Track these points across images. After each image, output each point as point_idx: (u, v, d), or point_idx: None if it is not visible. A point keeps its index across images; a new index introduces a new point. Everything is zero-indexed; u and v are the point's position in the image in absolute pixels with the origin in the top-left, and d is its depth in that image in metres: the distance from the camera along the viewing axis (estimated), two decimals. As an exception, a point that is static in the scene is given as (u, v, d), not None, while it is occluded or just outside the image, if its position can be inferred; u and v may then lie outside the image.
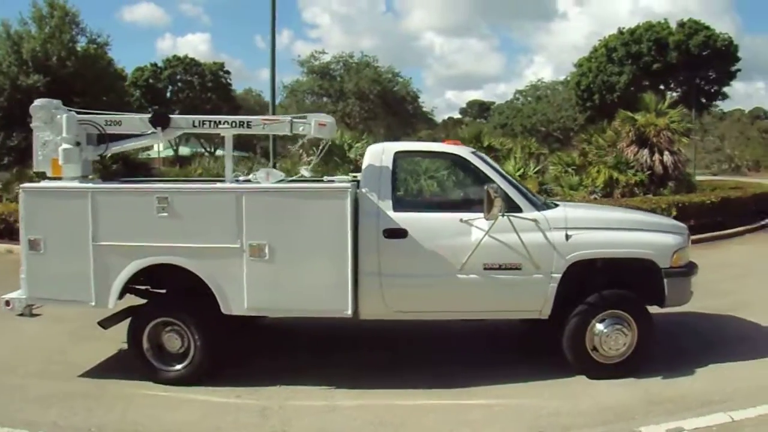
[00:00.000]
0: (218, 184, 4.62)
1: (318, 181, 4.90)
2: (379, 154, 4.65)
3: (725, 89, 27.45)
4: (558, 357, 4.60)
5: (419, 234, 4.45)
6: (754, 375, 4.48)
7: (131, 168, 13.71)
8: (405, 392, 4.36)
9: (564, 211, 4.67)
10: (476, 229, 4.45)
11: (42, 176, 4.83)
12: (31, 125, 4.71)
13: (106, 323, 4.87)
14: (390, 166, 4.58)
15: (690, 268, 4.71)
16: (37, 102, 4.64)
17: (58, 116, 4.61)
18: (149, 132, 4.62)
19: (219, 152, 26.02)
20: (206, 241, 4.37)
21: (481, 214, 4.36)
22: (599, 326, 4.52)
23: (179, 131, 4.74)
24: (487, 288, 4.48)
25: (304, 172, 4.73)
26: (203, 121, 4.68)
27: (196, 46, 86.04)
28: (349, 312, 4.34)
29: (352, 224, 4.29)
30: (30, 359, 5.13)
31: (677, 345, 5.18)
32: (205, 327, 4.53)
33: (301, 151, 11.73)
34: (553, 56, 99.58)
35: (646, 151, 16.51)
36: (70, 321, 5.92)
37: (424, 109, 33.05)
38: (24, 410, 4.07)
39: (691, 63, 25.40)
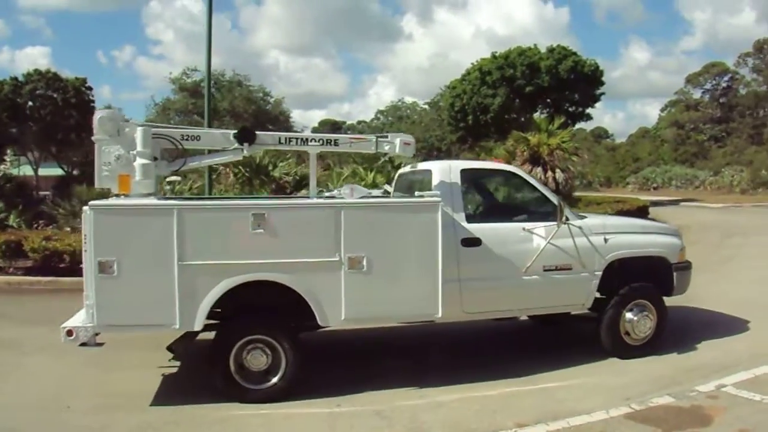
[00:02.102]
0: (312, 200, 4.99)
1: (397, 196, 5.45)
2: (447, 171, 5.43)
3: (588, 111, 32.38)
4: (574, 346, 5.78)
5: (490, 242, 5.30)
6: (744, 346, 5.98)
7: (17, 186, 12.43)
8: (486, 384, 5.07)
9: (600, 219, 5.88)
10: (536, 236, 5.45)
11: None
12: (93, 138, 4.64)
13: (175, 346, 4.92)
14: (459, 182, 5.38)
15: (689, 264, 6.21)
16: (103, 113, 4.60)
17: (127, 129, 4.62)
18: (232, 148, 4.84)
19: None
20: (304, 256, 4.70)
21: (539, 223, 5.41)
22: (629, 314, 5.74)
23: (264, 147, 5.02)
24: (546, 287, 5.48)
25: (387, 187, 5.29)
26: (290, 138, 5.01)
27: (35, 59, 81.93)
28: (440, 315, 5.01)
29: (443, 235, 4.99)
30: (76, 395, 4.87)
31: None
32: (296, 342, 4.87)
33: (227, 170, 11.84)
34: (398, 76, 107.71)
35: (539, 169, 19.21)
36: (72, 354, 5.69)
37: (294, 129, 34.06)
38: None
39: (561, 86, 29.61)
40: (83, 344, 4.59)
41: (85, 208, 4.50)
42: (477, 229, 5.28)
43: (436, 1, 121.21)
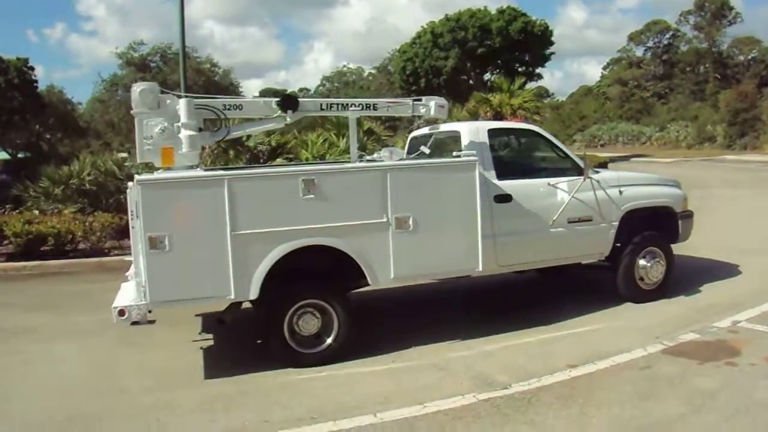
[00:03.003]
0: (358, 164, 5.20)
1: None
2: (476, 131, 5.76)
3: (538, 70, 33.43)
4: (585, 294, 6.44)
5: (520, 197, 5.69)
6: (742, 286, 6.70)
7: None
8: (520, 333, 5.54)
9: (615, 173, 6.38)
10: (560, 190, 5.89)
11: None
12: (132, 112, 4.67)
13: (225, 317, 5.10)
14: (487, 141, 5.73)
15: (691, 213, 6.83)
16: (141, 85, 4.62)
17: (168, 101, 4.68)
18: (274, 116, 4.96)
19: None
20: (354, 219, 4.93)
21: (562, 178, 5.87)
22: (642, 261, 6.31)
23: (306, 114, 5.16)
24: (571, 238, 5.95)
25: (424, 149, 5.55)
26: (331, 104, 5.18)
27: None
28: (480, 268, 5.39)
29: (480, 192, 5.34)
30: (121, 377, 4.97)
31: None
32: (347, 303, 5.15)
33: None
34: (334, 42, 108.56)
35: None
36: (94, 336, 6.04)
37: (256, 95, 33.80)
38: (215, 420, 4.11)
39: (512, 47, 30.35)
40: (135, 323, 4.71)
41: (131, 183, 4.56)
42: (507, 185, 5.66)
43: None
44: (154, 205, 4.52)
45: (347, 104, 5.29)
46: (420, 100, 5.57)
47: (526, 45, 32.82)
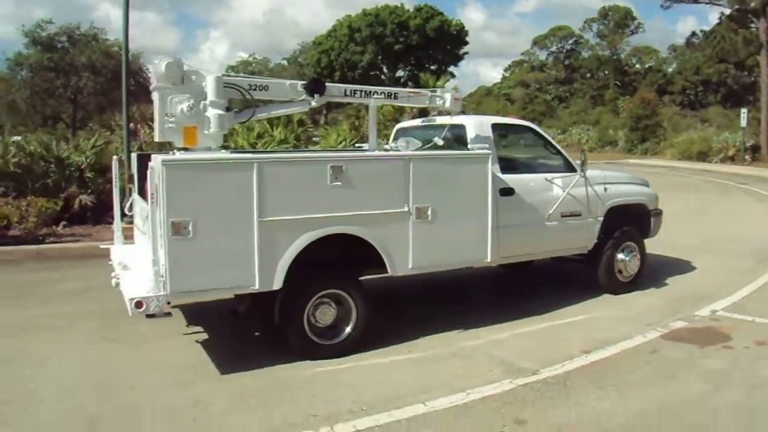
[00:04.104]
0: (382, 152, 5.31)
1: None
2: (480, 125, 6.08)
3: (451, 69, 34.82)
4: (559, 286, 7.05)
5: (522, 191, 6.09)
6: (705, 280, 7.51)
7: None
8: (522, 322, 5.96)
9: (600, 172, 6.96)
10: (556, 186, 6.38)
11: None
12: (153, 87, 4.51)
13: (240, 307, 5.06)
14: (491, 135, 6.07)
15: (661, 211, 7.59)
16: (170, 59, 4.47)
17: (194, 77, 4.57)
18: (300, 99, 4.98)
19: None
20: (378, 208, 5.07)
21: (557, 174, 6.37)
22: (620, 255, 6.96)
23: (330, 99, 5.19)
24: (563, 231, 6.44)
25: (438, 140, 5.75)
26: (355, 90, 5.26)
27: None
28: (489, 259, 5.72)
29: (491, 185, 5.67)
30: (125, 374, 4.77)
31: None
32: (364, 292, 5.28)
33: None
34: (232, 32, 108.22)
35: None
36: (74, 332, 5.81)
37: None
38: (257, 417, 4.08)
39: (428, 44, 31.34)
40: (150, 315, 4.57)
41: (152, 163, 4.40)
42: (510, 179, 6.03)
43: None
44: (180, 187, 4.39)
45: (371, 92, 5.42)
46: (436, 91, 5.82)
47: (442, 43, 34.11)
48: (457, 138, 6.07)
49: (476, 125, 6.06)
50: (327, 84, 5.16)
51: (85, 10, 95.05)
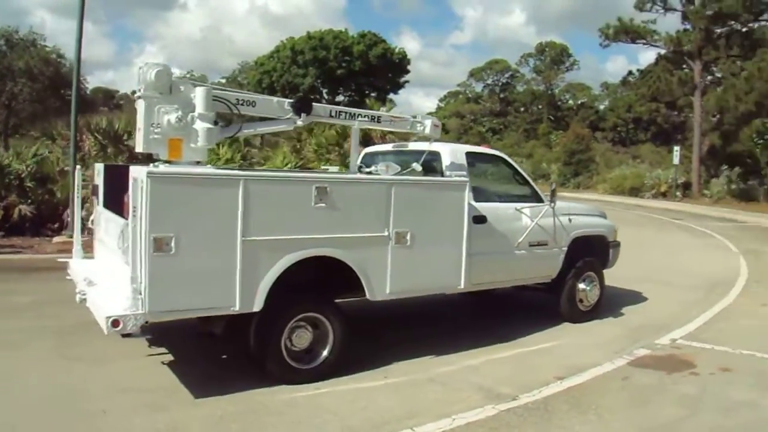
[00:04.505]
0: (367, 175, 5.38)
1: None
2: (455, 153, 6.27)
3: (392, 96, 35.49)
4: (517, 314, 7.31)
5: (493, 220, 6.30)
6: (659, 311, 7.91)
7: None
8: (492, 348, 6.12)
9: (565, 203, 7.29)
10: (525, 215, 6.64)
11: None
12: (138, 95, 4.44)
13: (216, 330, 4.96)
14: (465, 164, 6.28)
15: (619, 243, 8.00)
16: (160, 66, 4.40)
17: (182, 87, 4.53)
18: (285, 117, 5.01)
19: None
20: (359, 231, 5.13)
21: (526, 204, 6.64)
22: (581, 285, 7.30)
23: (315, 119, 5.22)
24: (531, 260, 6.70)
25: (416, 166, 5.87)
26: (340, 111, 5.32)
27: None
28: (462, 286, 5.87)
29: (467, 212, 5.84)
30: (90, 396, 4.59)
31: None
32: (342, 315, 5.29)
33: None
34: (167, 47, 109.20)
35: (372, 151, 20.90)
36: (25, 348, 5.57)
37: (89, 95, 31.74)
38: None
39: (370, 71, 31.93)
40: (127, 335, 4.45)
41: (135, 175, 4.32)
42: (482, 207, 6.23)
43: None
44: (164, 202, 4.31)
45: (355, 114, 5.52)
46: (416, 117, 5.99)
47: (384, 70, 34.87)
48: (430, 165, 6.23)
49: (451, 153, 6.25)
50: (314, 104, 5.22)
51: (19, 15, 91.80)
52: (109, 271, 5.34)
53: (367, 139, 21.28)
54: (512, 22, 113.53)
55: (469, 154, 6.42)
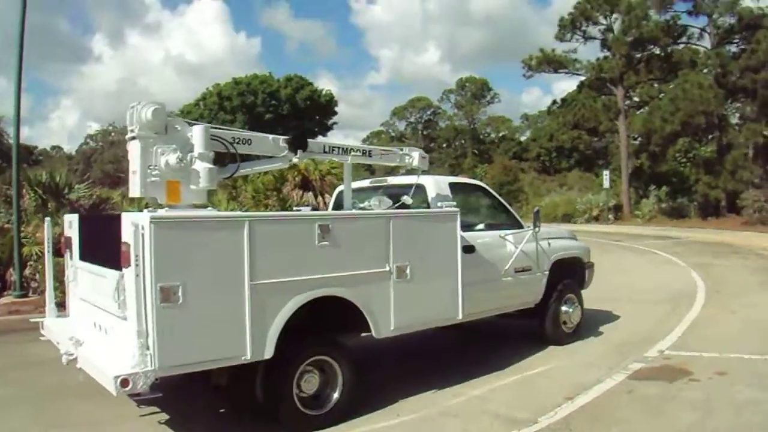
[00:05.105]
0: (366, 211, 5.46)
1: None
2: (439, 184, 6.50)
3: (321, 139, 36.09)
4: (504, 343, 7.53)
5: (480, 248, 6.52)
6: (639, 327, 8.28)
7: None
8: (490, 377, 6.24)
9: (545, 227, 7.63)
10: (509, 242, 6.91)
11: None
12: (131, 135, 4.37)
13: (221, 381, 4.84)
14: (449, 194, 6.51)
15: (593, 264, 8.40)
16: (156, 105, 4.36)
17: (177, 126, 4.51)
18: (281, 155, 5.05)
19: None
20: (361, 268, 5.20)
21: (509, 231, 6.93)
22: (564, 307, 7.61)
23: (310, 156, 5.28)
24: (517, 286, 6.94)
25: (407, 199, 6.01)
26: (333, 147, 5.42)
27: None
28: (460, 317, 6.02)
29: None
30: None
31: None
32: (349, 356, 5.31)
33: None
34: (83, 100, 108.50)
35: (310, 194, 20.98)
36: None
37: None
38: None
39: (298, 113, 32.27)
40: (135, 395, 4.30)
41: (135, 221, 4.20)
42: (470, 236, 6.45)
43: (128, 23, 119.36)
44: (169, 248, 4.24)
45: (348, 149, 5.64)
46: (402, 149, 6.19)
47: (312, 113, 35.41)
48: (416, 197, 6.41)
49: (435, 184, 6.47)
50: (309, 140, 5.32)
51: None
52: (95, 328, 5.15)
53: (305, 182, 21.49)
54: (427, 61, 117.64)
55: (452, 185, 6.66)
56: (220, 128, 4.87)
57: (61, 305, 6.19)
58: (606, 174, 33.49)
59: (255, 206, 18.68)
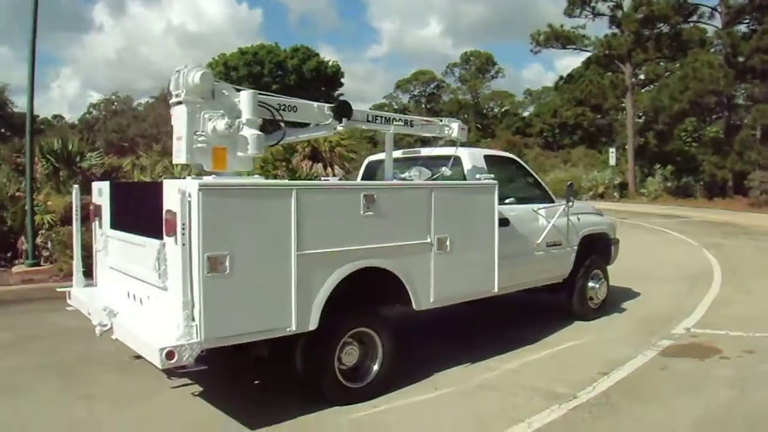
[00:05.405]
0: (410, 181, 5.42)
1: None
2: (475, 156, 6.46)
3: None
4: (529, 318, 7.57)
5: (515, 222, 6.51)
6: (662, 304, 8.33)
7: None
8: (523, 351, 6.30)
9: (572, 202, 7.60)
10: (541, 216, 6.89)
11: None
12: (177, 100, 4.28)
13: (264, 353, 4.80)
14: (485, 167, 6.47)
15: (618, 240, 8.40)
16: (199, 69, 4.25)
17: (225, 92, 4.42)
18: (326, 122, 4.97)
19: None
20: (403, 239, 5.18)
21: (542, 204, 6.90)
22: (590, 283, 7.63)
23: (354, 125, 5.20)
24: (548, 261, 6.96)
25: (446, 171, 5.96)
26: (377, 116, 5.35)
27: None
28: (496, 290, 6.01)
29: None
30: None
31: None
32: (390, 329, 5.31)
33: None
34: (84, 69, 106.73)
35: (320, 165, 20.88)
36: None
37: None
38: None
39: (305, 84, 31.97)
40: (180, 368, 4.24)
41: (181, 188, 4.05)
42: (505, 210, 6.43)
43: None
44: (218, 217, 4.17)
45: (390, 119, 5.58)
46: (442, 120, 6.13)
47: (319, 84, 35.11)
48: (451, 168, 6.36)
49: (471, 157, 6.43)
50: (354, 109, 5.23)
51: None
52: (128, 298, 5.10)
53: (315, 153, 21.34)
54: (429, 34, 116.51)
55: (487, 157, 6.62)
56: (266, 94, 4.77)
57: (87, 274, 6.12)
58: (612, 151, 33.41)
59: (264, 176, 18.60)
